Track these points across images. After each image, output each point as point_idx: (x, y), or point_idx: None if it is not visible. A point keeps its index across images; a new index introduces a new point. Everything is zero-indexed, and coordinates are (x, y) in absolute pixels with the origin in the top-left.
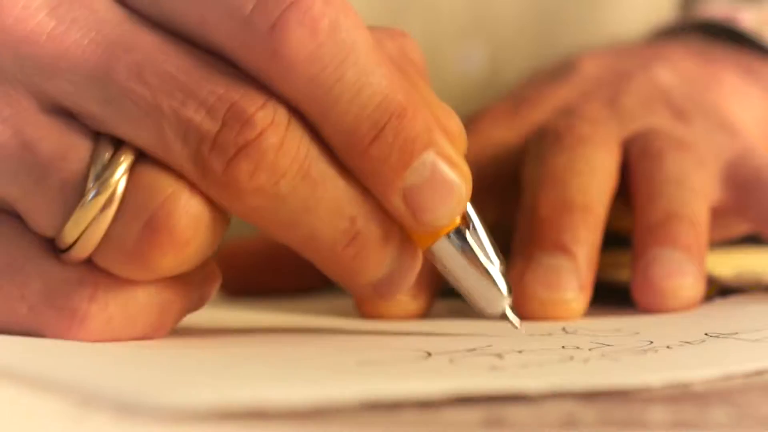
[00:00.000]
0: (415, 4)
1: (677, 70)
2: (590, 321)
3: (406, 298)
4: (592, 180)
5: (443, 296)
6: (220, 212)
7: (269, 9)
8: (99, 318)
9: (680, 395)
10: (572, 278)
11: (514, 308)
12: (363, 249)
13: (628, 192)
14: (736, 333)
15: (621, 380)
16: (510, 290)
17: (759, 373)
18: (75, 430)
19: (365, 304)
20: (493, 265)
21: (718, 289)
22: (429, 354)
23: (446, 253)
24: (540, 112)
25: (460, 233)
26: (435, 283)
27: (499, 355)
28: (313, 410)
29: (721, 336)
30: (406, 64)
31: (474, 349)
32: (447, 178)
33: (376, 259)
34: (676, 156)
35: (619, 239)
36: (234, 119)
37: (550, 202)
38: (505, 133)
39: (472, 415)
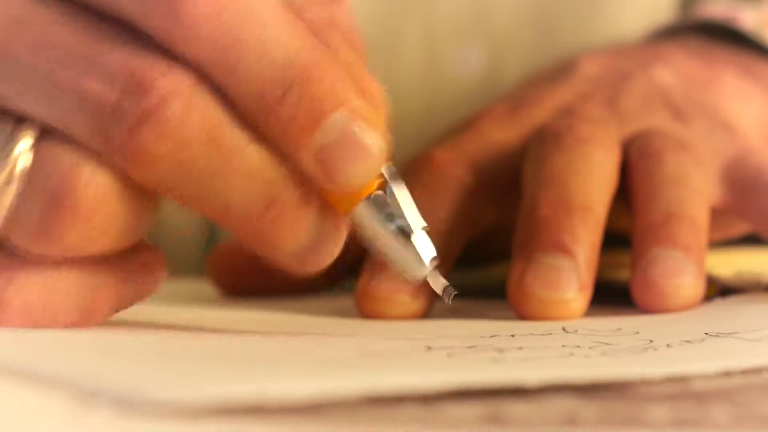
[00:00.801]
0: (414, 4)
1: (677, 71)
2: (590, 321)
3: (407, 298)
4: (592, 180)
5: None
6: (138, 188)
7: None
8: (17, 300)
9: (680, 393)
10: (572, 278)
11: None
12: (281, 214)
13: (627, 192)
14: (736, 332)
15: (621, 371)
16: (435, 256)
17: (758, 371)
18: (75, 426)
19: (365, 304)
20: (415, 230)
21: (718, 290)
22: (429, 348)
23: (365, 217)
24: (540, 112)
25: (379, 197)
26: None
27: (500, 350)
28: (313, 404)
29: (720, 335)
30: (330, 28)
31: (474, 346)
32: (360, 137)
33: (295, 225)
34: (675, 156)
35: (619, 239)
36: (134, 87)
37: (549, 202)
38: (504, 133)
39: (472, 410)
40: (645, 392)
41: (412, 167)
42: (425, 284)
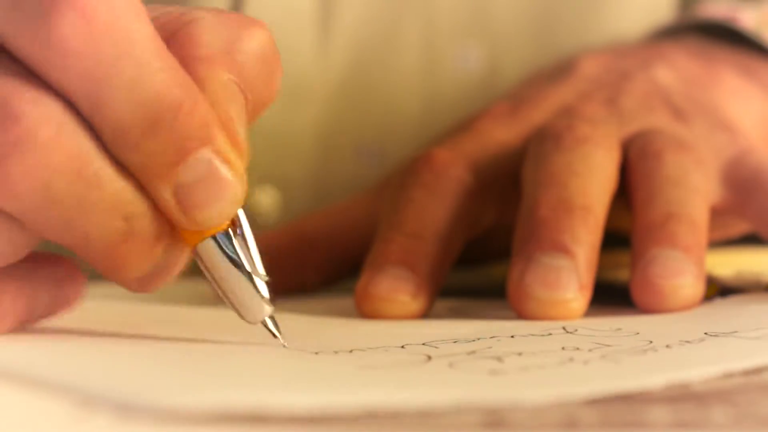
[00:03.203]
0: (413, 3)
1: (677, 70)
2: (590, 321)
3: (407, 298)
4: (592, 180)
5: (443, 296)
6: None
7: None
8: None
9: (680, 395)
10: (572, 278)
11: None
12: (133, 248)
13: (627, 192)
14: (736, 332)
15: (621, 384)
16: (270, 302)
17: (758, 370)
18: (75, 430)
19: (365, 304)
20: (257, 274)
21: (718, 290)
22: (429, 357)
23: (210, 254)
24: (540, 112)
25: (227, 236)
26: (435, 283)
27: (499, 359)
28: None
29: (720, 335)
30: (217, 64)
31: (474, 352)
32: (222, 177)
33: (145, 257)
34: (675, 156)
35: (619, 239)
36: (1, 115)
37: (549, 202)
38: (504, 133)
39: (472, 416)
40: (645, 394)
41: (411, 167)
42: (426, 283)
